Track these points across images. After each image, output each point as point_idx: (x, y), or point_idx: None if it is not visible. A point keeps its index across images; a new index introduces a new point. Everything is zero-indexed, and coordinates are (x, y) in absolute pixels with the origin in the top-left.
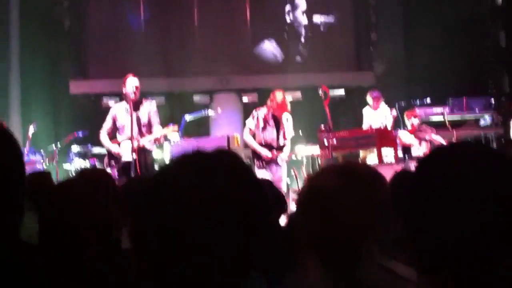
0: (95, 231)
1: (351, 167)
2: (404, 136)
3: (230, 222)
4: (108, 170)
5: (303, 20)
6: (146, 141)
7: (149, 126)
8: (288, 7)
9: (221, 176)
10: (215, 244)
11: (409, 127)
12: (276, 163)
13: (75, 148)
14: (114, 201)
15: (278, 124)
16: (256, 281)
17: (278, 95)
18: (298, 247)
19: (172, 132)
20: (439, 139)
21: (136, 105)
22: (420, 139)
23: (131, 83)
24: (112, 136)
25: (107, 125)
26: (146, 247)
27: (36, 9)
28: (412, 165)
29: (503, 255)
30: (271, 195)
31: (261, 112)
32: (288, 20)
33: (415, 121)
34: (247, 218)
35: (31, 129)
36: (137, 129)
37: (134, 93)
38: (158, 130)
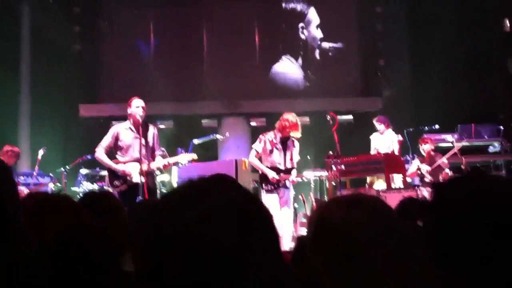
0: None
1: (358, 199)
2: (419, 165)
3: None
4: (111, 189)
5: (312, 46)
6: (156, 166)
7: (152, 149)
8: (300, 27)
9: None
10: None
11: (423, 154)
12: (285, 186)
13: (84, 171)
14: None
15: (285, 148)
16: None
17: (291, 117)
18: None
19: (190, 158)
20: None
21: (143, 128)
22: (433, 165)
23: (138, 104)
24: (110, 155)
25: (106, 142)
26: (152, 274)
27: (46, 35)
28: (425, 192)
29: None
30: None
31: (269, 136)
32: (296, 43)
33: (428, 147)
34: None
35: (41, 153)
36: (144, 152)
37: (141, 114)
38: (160, 160)
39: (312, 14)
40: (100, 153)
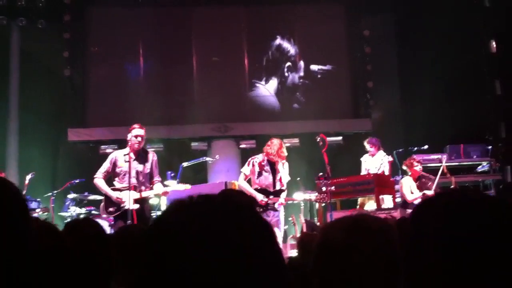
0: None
1: (362, 222)
2: (407, 184)
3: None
4: (105, 215)
5: (301, 68)
6: (148, 194)
7: (151, 176)
8: (284, 56)
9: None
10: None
11: (413, 173)
12: (274, 209)
13: (71, 195)
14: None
15: (274, 170)
16: None
17: (275, 142)
18: None
19: (184, 188)
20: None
21: (139, 155)
22: (422, 187)
23: (137, 134)
24: (108, 180)
25: (104, 168)
26: None
27: (35, 59)
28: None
29: None
30: None
31: (257, 158)
32: (285, 69)
33: (418, 168)
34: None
35: (28, 177)
36: (140, 179)
37: (139, 142)
38: (160, 187)
39: (295, 51)
40: (98, 179)
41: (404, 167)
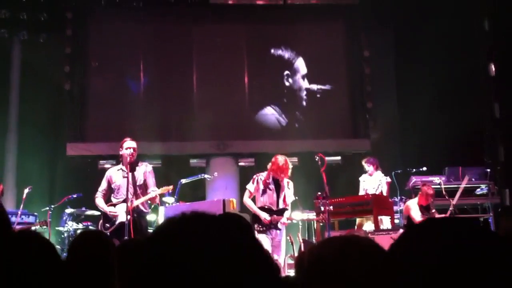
0: None
1: (354, 241)
2: (415, 207)
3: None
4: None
5: (300, 88)
6: (140, 202)
7: (145, 187)
8: (285, 75)
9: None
10: None
11: (421, 200)
12: (276, 227)
13: (69, 210)
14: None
15: (278, 188)
16: None
17: (280, 159)
18: None
19: (166, 190)
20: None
21: (132, 167)
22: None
23: (128, 146)
24: (108, 198)
25: (102, 187)
26: None
27: (36, 73)
28: None
29: None
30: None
31: (262, 176)
32: (285, 88)
33: (430, 194)
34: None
35: (26, 191)
36: (132, 191)
37: (131, 155)
38: (153, 191)
39: (300, 64)
40: (97, 198)
41: (418, 187)
